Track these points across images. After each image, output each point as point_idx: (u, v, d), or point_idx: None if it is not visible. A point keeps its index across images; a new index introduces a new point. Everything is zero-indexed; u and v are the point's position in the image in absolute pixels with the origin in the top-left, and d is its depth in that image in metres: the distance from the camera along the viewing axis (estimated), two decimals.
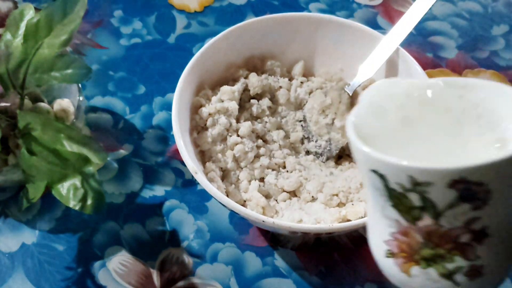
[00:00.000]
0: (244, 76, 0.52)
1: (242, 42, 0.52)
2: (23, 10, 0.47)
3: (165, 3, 0.67)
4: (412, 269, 0.31)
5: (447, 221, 0.28)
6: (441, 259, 0.30)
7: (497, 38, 0.65)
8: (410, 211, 0.29)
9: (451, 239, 0.29)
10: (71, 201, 0.41)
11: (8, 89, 0.46)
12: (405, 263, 0.31)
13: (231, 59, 0.53)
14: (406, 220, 0.29)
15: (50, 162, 0.42)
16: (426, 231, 0.29)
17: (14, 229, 0.49)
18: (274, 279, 0.47)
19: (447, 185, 0.26)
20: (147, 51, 0.62)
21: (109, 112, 0.57)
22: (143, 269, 0.47)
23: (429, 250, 0.30)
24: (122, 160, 0.53)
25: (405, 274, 0.32)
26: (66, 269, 0.47)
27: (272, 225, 0.41)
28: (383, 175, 0.28)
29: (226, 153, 0.48)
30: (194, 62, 0.49)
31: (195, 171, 0.43)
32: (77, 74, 0.45)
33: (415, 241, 0.30)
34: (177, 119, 0.45)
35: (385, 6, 0.68)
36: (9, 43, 0.47)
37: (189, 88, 0.49)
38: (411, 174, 0.27)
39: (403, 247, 0.31)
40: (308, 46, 0.54)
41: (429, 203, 0.28)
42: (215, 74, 0.52)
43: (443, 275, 0.31)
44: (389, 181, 0.28)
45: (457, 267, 0.30)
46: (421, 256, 0.31)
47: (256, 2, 0.67)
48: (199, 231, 0.49)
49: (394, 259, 0.32)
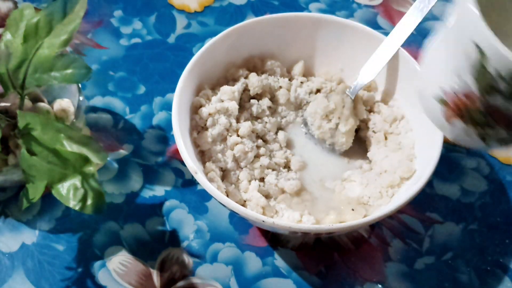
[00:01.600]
0: (244, 76, 0.52)
1: (242, 42, 0.52)
2: (23, 10, 0.47)
3: (165, 3, 0.67)
4: (455, 121, 0.35)
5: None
6: (488, 126, 0.33)
7: None
8: (489, 88, 0.31)
9: (507, 119, 0.32)
10: (71, 201, 0.41)
11: (8, 89, 0.46)
12: (452, 115, 0.35)
13: (231, 59, 0.53)
14: (478, 90, 0.32)
15: (50, 162, 0.42)
16: (490, 105, 0.32)
17: (14, 229, 0.49)
18: (274, 279, 0.47)
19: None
20: (147, 51, 0.62)
21: (109, 112, 0.57)
22: (143, 269, 0.47)
23: (482, 117, 0.33)
24: (122, 160, 0.53)
25: (446, 120, 0.35)
26: (66, 269, 0.47)
27: (272, 225, 0.41)
28: (486, 55, 0.30)
29: (226, 153, 0.48)
30: (194, 62, 0.49)
31: (195, 171, 0.43)
32: (77, 74, 0.45)
33: (475, 107, 0.33)
34: (177, 119, 0.45)
35: (385, 6, 0.68)
36: (9, 43, 0.47)
37: (189, 88, 0.49)
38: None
39: (459, 104, 0.33)
40: (308, 46, 0.54)
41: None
42: (215, 74, 0.52)
43: (480, 135, 0.34)
44: (489, 63, 0.30)
45: (496, 135, 0.33)
46: (471, 117, 0.33)
47: (256, 2, 0.67)
48: (199, 231, 0.49)
49: (444, 106, 0.35)
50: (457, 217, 0.50)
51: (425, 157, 0.45)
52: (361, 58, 0.51)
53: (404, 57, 0.49)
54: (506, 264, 0.48)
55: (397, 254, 0.48)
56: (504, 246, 0.49)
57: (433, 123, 0.38)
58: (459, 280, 0.47)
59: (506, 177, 0.53)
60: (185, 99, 0.48)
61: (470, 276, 0.47)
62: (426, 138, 0.46)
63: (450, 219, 0.50)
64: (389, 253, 0.48)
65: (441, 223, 0.50)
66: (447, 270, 0.47)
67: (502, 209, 0.51)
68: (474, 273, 0.47)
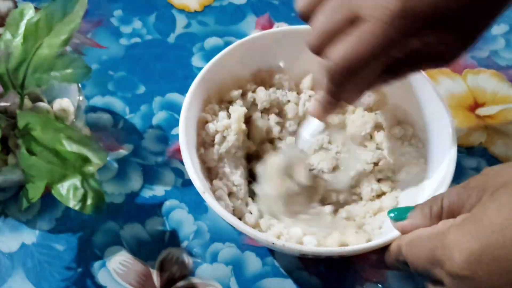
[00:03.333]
0: (251, 90, 0.51)
1: (249, 55, 0.51)
2: (23, 9, 0.47)
3: (165, 3, 0.67)
4: None
5: None
6: None
7: (497, 37, 0.65)
8: None
9: None
10: (71, 201, 0.41)
11: (8, 89, 0.46)
12: None
13: (238, 73, 0.51)
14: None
15: (50, 162, 0.42)
16: None
17: (14, 229, 0.49)
18: (274, 279, 0.47)
19: None
20: (147, 51, 0.62)
21: (109, 112, 0.57)
22: (143, 269, 0.47)
23: None
24: (122, 160, 0.53)
25: None
26: (66, 269, 0.47)
27: (282, 248, 0.40)
28: None
29: (234, 170, 0.48)
30: (202, 76, 0.48)
31: (203, 191, 0.42)
32: (77, 74, 0.45)
33: None
34: (184, 135, 0.44)
35: None
36: (9, 43, 0.47)
37: (196, 103, 0.48)
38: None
39: None
40: (317, 59, 0.53)
41: None
42: (222, 88, 0.51)
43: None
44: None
45: None
46: None
47: (256, 2, 0.67)
48: (199, 231, 0.49)
49: None
50: None
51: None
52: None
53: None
54: None
55: None
56: None
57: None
58: None
59: None
60: (193, 114, 0.47)
61: None
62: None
63: None
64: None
65: None
66: None
67: None
68: None
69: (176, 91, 0.58)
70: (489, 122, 0.57)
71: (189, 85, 0.47)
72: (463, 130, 0.56)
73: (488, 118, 0.57)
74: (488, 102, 0.58)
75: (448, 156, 0.44)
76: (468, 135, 0.56)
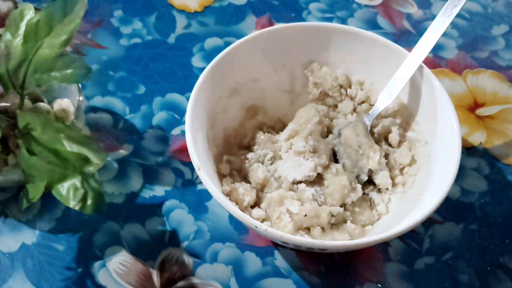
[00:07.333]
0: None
1: (270, 47, 0.52)
2: (23, 10, 0.47)
3: (165, 3, 0.67)
4: None
5: None
6: None
7: (497, 38, 0.65)
8: None
9: None
10: (71, 201, 0.41)
11: (8, 89, 0.46)
12: None
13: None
14: None
15: (50, 162, 0.42)
16: None
17: (14, 229, 0.49)
18: (274, 279, 0.47)
19: None
20: (147, 51, 0.62)
21: (109, 112, 0.57)
22: (143, 269, 0.47)
23: None
24: (122, 160, 0.53)
25: None
26: (66, 269, 0.47)
27: (264, 232, 0.40)
28: None
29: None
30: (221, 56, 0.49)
31: (198, 168, 0.42)
32: (77, 74, 0.45)
33: None
34: (191, 115, 0.45)
35: (385, 6, 0.68)
36: (9, 43, 0.47)
37: (210, 82, 0.48)
38: None
39: None
40: (346, 59, 0.53)
41: None
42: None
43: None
44: None
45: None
46: None
47: (256, 2, 0.67)
48: (199, 231, 0.49)
49: None
50: (457, 217, 0.50)
51: (435, 186, 0.44)
52: (388, 76, 0.49)
53: (427, 74, 0.48)
54: (506, 264, 0.48)
55: (397, 254, 0.48)
56: (504, 246, 0.49)
57: None
58: (459, 280, 0.47)
59: (506, 177, 0.53)
60: (203, 95, 0.47)
61: (470, 276, 0.47)
62: (442, 164, 0.45)
63: (450, 219, 0.50)
64: (389, 253, 0.48)
65: (441, 223, 0.50)
66: (447, 270, 0.47)
67: (502, 209, 0.51)
68: (474, 273, 0.47)
69: (176, 92, 0.58)
70: (489, 122, 0.57)
71: (189, 85, 0.48)
72: (463, 130, 0.56)
73: (488, 118, 0.57)
74: (488, 102, 0.58)
75: (451, 156, 0.44)
76: (468, 135, 0.56)
